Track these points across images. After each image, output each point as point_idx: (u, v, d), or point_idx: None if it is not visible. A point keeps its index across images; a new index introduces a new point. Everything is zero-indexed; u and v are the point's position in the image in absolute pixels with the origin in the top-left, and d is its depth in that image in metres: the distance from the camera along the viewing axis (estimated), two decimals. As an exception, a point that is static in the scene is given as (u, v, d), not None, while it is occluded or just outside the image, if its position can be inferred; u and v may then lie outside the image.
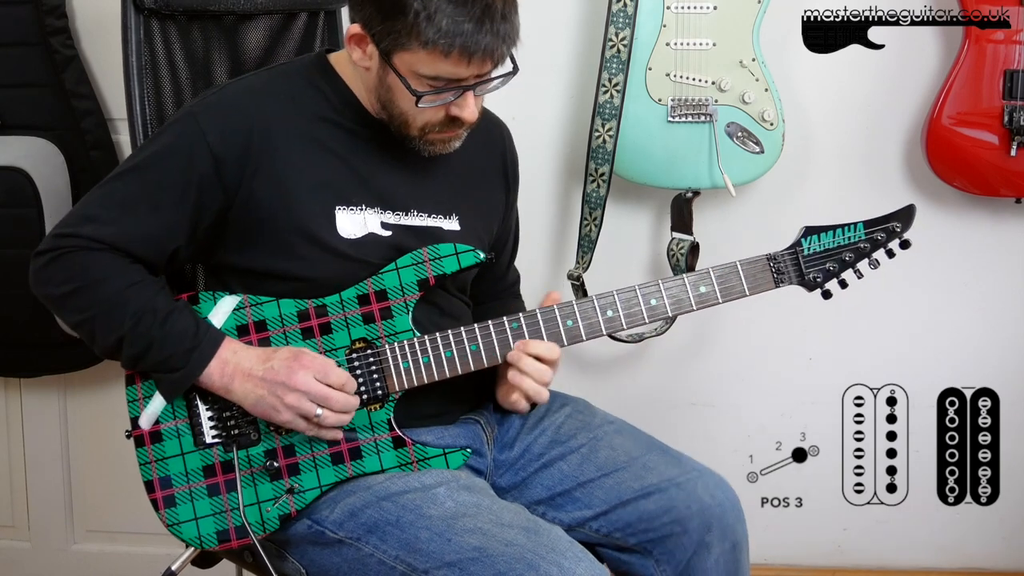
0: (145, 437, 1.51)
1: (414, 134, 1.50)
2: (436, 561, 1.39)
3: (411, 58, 1.42)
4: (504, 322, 1.52)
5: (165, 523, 1.51)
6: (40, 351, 2.28)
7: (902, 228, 1.58)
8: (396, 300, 1.52)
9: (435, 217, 1.58)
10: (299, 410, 1.45)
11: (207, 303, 1.52)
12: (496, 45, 1.41)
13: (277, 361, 1.46)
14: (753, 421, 2.41)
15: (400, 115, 1.49)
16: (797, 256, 1.57)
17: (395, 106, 1.48)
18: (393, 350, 1.51)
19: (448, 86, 1.44)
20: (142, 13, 1.78)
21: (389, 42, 1.42)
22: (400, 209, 1.55)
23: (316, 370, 1.45)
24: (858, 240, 1.57)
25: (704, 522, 1.56)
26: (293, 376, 1.44)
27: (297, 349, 1.48)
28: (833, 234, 1.57)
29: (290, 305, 1.51)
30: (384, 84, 1.48)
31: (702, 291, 1.55)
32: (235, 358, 1.47)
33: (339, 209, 1.51)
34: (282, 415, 1.46)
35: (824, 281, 1.58)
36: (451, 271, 1.53)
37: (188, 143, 1.47)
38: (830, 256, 1.57)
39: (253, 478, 1.50)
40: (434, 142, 1.51)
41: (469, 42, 1.38)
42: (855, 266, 1.58)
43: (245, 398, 1.47)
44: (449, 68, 1.41)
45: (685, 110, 2.11)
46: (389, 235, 1.54)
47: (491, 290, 1.77)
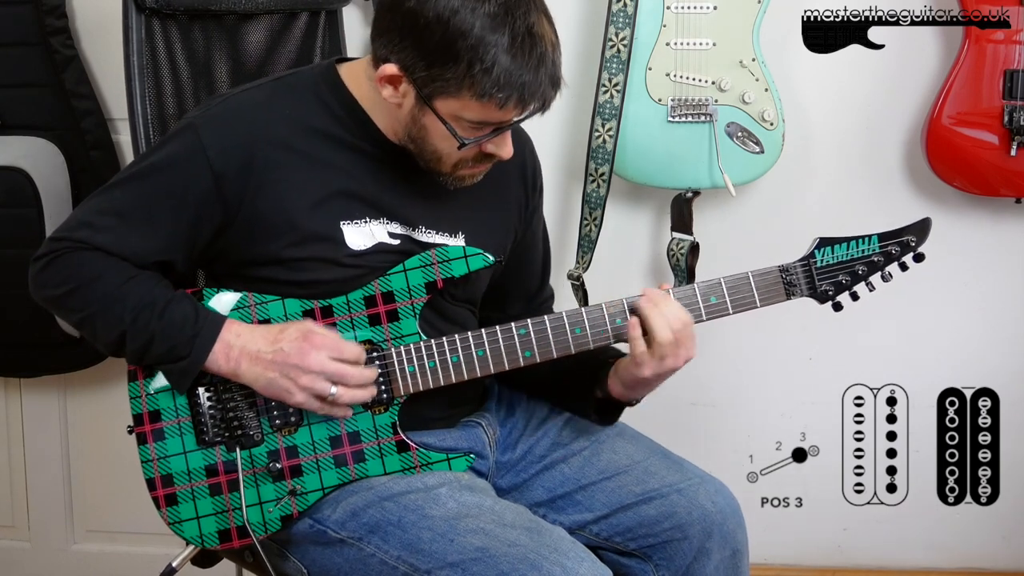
0: (147, 434, 1.50)
1: (446, 171, 1.48)
2: (438, 561, 1.39)
3: (457, 105, 1.39)
4: (512, 328, 1.51)
5: (166, 521, 1.51)
6: (40, 351, 2.28)
7: (917, 242, 1.56)
8: (403, 303, 1.51)
9: (441, 235, 1.55)
10: (314, 391, 1.44)
11: (209, 299, 1.51)
12: (550, 93, 1.40)
13: (287, 342, 1.43)
14: (753, 421, 2.41)
15: (433, 153, 1.46)
16: (810, 268, 1.54)
17: (429, 144, 1.46)
18: (399, 353, 1.50)
19: (489, 130, 1.43)
20: (143, 12, 1.78)
21: (434, 88, 1.39)
22: (406, 225, 1.53)
23: (329, 348, 1.43)
24: (872, 253, 1.55)
25: (705, 529, 1.55)
26: (306, 358, 1.43)
27: (306, 327, 1.45)
28: (847, 246, 1.55)
29: (295, 305, 1.50)
30: (418, 123, 1.44)
31: (712, 301, 1.53)
32: (239, 341, 1.45)
33: (344, 223, 1.49)
34: (296, 397, 1.44)
35: (836, 294, 1.56)
36: (459, 274, 1.51)
37: (188, 156, 1.45)
38: (843, 268, 1.55)
39: (255, 478, 1.50)
40: (463, 177, 1.50)
41: (526, 93, 1.37)
42: (868, 279, 1.56)
43: (256, 381, 1.45)
44: (499, 115, 1.40)
45: (685, 110, 2.11)
46: (398, 243, 1.52)
47: (526, 308, 1.73)
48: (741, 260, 2.31)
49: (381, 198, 1.51)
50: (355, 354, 1.45)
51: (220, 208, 1.46)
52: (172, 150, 1.48)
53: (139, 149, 1.78)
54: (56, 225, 2.11)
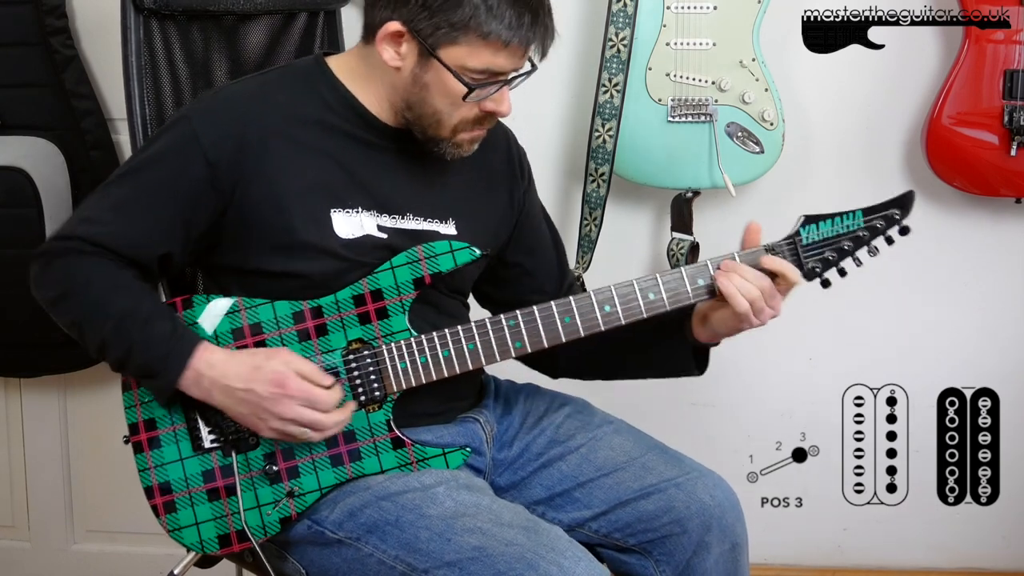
0: (143, 443, 1.51)
1: (444, 135, 1.51)
2: (436, 561, 1.39)
3: (461, 52, 1.44)
4: (501, 320, 1.52)
5: (166, 529, 1.51)
6: (40, 351, 2.28)
7: (901, 215, 1.55)
8: (392, 300, 1.51)
9: (431, 221, 1.57)
10: (284, 432, 1.45)
11: (200, 306, 1.51)
12: (547, 39, 1.48)
13: (260, 384, 1.43)
14: (753, 421, 2.41)
15: (433, 115, 1.50)
16: (796, 245, 1.55)
17: (428, 105, 1.49)
18: (390, 350, 1.51)
19: (491, 80, 1.46)
20: (142, 13, 1.78)
21: (438, 37, 1.44)
22: (396, 212, 1.55)
23: (303, 398, 1.43)
24: (857, 228, 1.55)
25: (704, 522, 1.55)
26: (278, 404, 1.43)
27: (281, 372, 1.43)
28: (832, 222, 1.55)
29: (285, 307, 1.50)
30: (419, 83, 1.48)
31: (700, 284, 1.53)
32: (211, 372, 1.44)
33: (334, 211, 1.51)
34: (266, 433, 1.46)
35: (823, 271, 1.55)
36: (447, 269, 1.52)
37: (182, 147, 1.47)
38: (829, 245, 1.55)
39: (252, 482, 1.50)
40: (461, 143, 1.53)
41: (529, 34, 1.44)
42: (854, 254, 1.55)
43: (228, 410, 1.46)
44: (500, 61, 1.45)
45: (685, 110, 2.11)
46: (385, 237, 1.53)
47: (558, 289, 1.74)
48: (741, 260, 2.33)
49: (372, 184, 1.53)
50: (329, 402, 1.45)
51: (215, 196, 1.48)
52: (167, 142, 1.49)
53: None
54: (56, 225, 2.14)
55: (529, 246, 1.73)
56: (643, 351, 1.66)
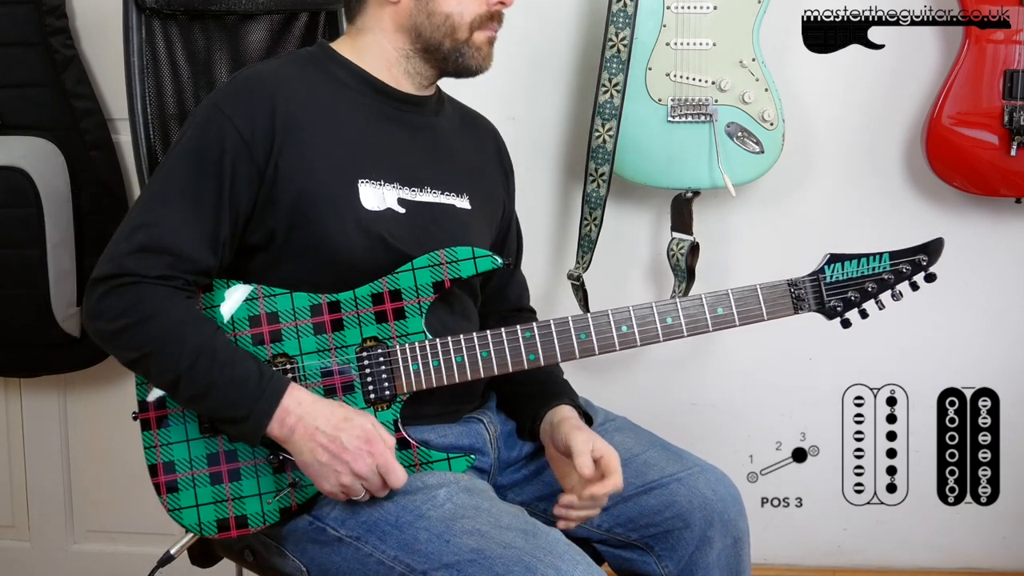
0: (151, 421, 1.51)
1: (464, 36, 1.56)
2: (434, 562, 1.39)
3: None
4: (517, 331, 1.51)
5: (166, 507, 1.51)
6: (40, 351, 2.27)
7: (928, 262, 1.55)
8: (410, 301, 1.51)
9: (448, 195, 1.60)
10: (348, 490, 1.43)
11: (220, 290, 1.51)
12: None
13: (348, 436, 1.42)
14: (753, 421, 2.41)
15: (447, 21, 1.55)
16: (819, 283, 1.54)
17: (439, 16, 1.55)
18: (404, 351, 1.51)
19: None
20: (143, 12, 1.78)
21: None
22: (416, 185, 1.57)
23: (381, 463, 1.42)
24: (882, 271, 1.54)
25: (706, 517, 1.56)
26: (360, 461, 1.41)
27: (370, 430, 1.43)
28: (858, 263, 1.54)
29: (304, 299, 1.50)
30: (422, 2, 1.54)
31: (720, 313, 1.53)
32: (299, 410, 1.43)
33: (362, 182, 1.52)
34: (326, 486, 1.44)
35: (844, 311, 1.55)
36: (467, 275, 1.52)
37: (217, 130, 1.48)
38: (852, 285, 1.54)
39: (256, 469, 1.50)
40: (481, 46, 1.57)
41: None
42: (877, 297, 1.55)
43: (301, 454, 1.43)
44: None
45: (685, 110, 2.11)
46: (404, 212, 1.54)
47: (495, 302, 1.75)
48: (741, 260, 2.33)
49: (394, 157, 1.56)
50: (399, 481, 1.43)
51: (254, 170, 1.48)
52: (200, 131, 1.49)
53: (139, 149, 1.77)
54: (56, 225, 2.14)
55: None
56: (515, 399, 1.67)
